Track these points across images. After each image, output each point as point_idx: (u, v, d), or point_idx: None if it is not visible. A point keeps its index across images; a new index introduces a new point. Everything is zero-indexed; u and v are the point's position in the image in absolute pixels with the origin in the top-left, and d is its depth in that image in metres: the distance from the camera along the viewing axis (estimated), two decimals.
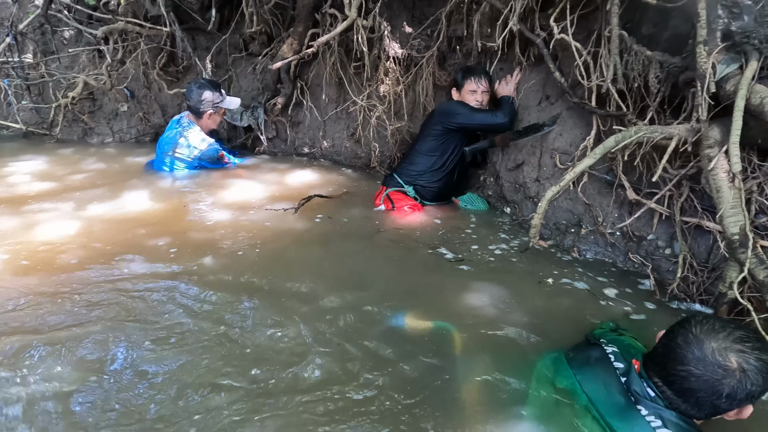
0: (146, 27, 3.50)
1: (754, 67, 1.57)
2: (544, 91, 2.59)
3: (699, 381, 1.07)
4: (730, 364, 1.05)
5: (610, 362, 1.22)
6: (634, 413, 1.11)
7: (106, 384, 1.34)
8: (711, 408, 1.09)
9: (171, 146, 3.13)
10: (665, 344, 1.15)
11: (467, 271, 2.05)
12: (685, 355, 1.08)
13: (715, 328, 1.10)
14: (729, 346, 1.06)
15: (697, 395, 1.08)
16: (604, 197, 2.25)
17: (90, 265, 1.93)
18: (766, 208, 1.73)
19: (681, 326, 1.14)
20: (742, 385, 1.04)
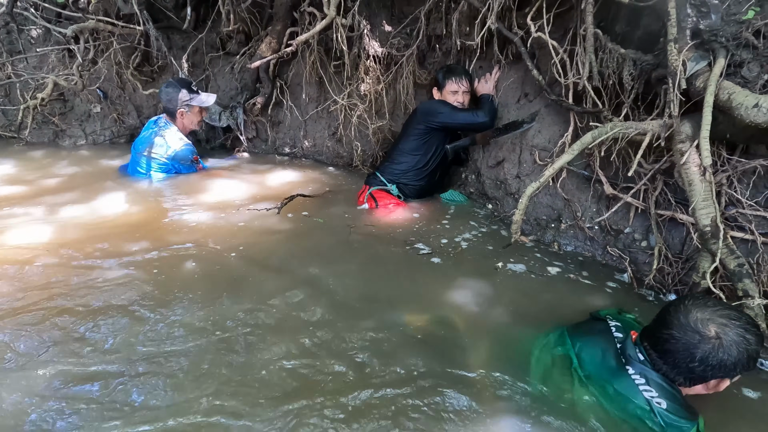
0: (119, 26, 3.40)
1: (721, 64, 1.63)
2: (523, 89, 2.62)
3: (678, 343, 1.19)
4: (708, 332, 1.16)
5: (611, 333, 1.35)
6: (623, 373, 1.25)
7: (74, 404, 1.28)
8: (687, 371, 1.20)
9: (145, 146, 3.04)
10: (660, 314, 1.29)
11: (448, 265, 2.08)
12: (671, 320, 1.21)
13: (707, 303, 1.22)
14: (712, 318, 1.18)
15: (675, 356, 1.20)
16: (582, 192, 2.30)
17: (63, 272, 1.86)
18: (735, 200, 1.80)
19: (679, 299, 1.27)
20: (714, 353, 1.15)
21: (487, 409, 1.30)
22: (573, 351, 1.36)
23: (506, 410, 1.30)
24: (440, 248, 2.23)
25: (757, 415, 1.37)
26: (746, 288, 1.57)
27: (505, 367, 1.46)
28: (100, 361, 1.42)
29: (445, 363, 1.47)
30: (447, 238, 2.34)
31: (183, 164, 3.07)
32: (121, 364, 1.40)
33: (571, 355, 1.35)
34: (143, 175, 3.03)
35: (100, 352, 1.45)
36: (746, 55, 1.66)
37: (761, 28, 1.63)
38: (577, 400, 1.29)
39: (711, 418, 1.26)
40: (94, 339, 1.50)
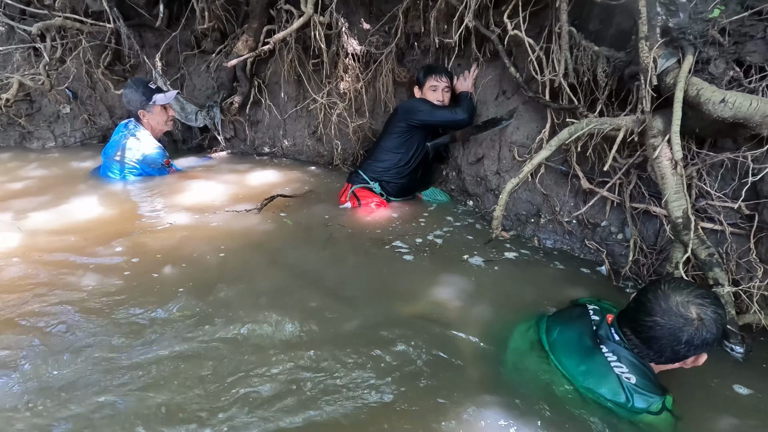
0: (87, 23, 3.29)
1: (690, 61, 1.68)
2: (501, 86, 2.66)
3: (663, 329, 1.23)
4: (690, 314, 1.21)
5: (589, 316, 1.41)
6: (597, 352, 1.31)
7: (45, 414, 1.23)
8: (671, 353, 1.25)
9: (115, 150, 2.94)
10: (637, 299, 1.32)
11: (429, 262, 2.09)
12: (653, 307, 1.24)
13: (680, 285, 1.28)
14: (691, 300, 1.23)
15: (660, 342, 1.24)
16: (560, 187, 2.34)
17: (34, 280, 1.79)
18: (704, 192, 1.86)
19: (652, 284, 1.30)
20: (699, 333, 1.20)
21: (467, 399, 1.32)
22: (545, 336, 1.42)
23: (484, 399, 1.33)
24: (423, 246, 2.25)
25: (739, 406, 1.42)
26: (716, 276, 1.63)
27: (485, 356, 1.50)
28: (75, 371, 1.37)
29: (427, 356, 1.48)
30: (429, 236, 2.35)
31: (153, 167, 2.97)
32: (98, 374, 1.36)
33: (543, 339, 1.42)
34: (117, 179, 2.93)
35: (74, 361, 1.40)
36: (713, 53, 1.72)
37: (726, 26, 1.69)
38: (552, 383, 1.33)
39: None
40: (68, 347, 1.45)
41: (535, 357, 1.41)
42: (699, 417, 1.33)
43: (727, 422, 1.32)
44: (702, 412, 1.35)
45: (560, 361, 1.35)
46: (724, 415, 1.35)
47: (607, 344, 1.31)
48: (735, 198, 1.76)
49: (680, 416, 1.27)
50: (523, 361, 1.44)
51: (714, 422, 1.33)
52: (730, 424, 1.32)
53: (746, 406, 1.40)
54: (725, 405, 1.39)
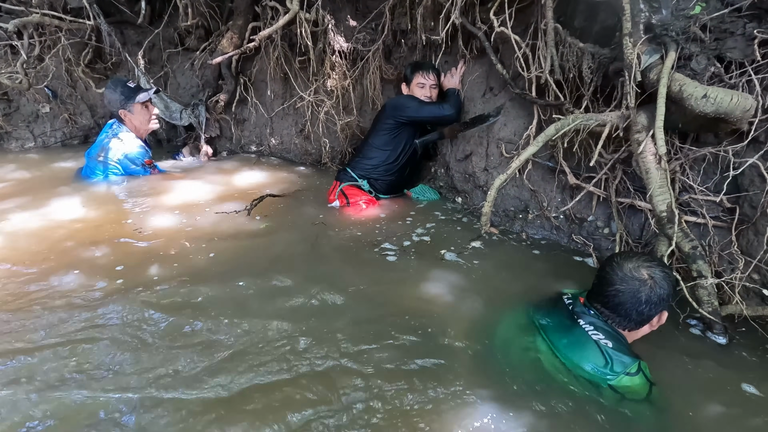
0: (66, 20, 3.21)
1: (672, 57, 1.71)
2: (488, 83, 2.67)
3: (625, 294, 1.39)
4: (642, 276, 1.39)
5: (563, 301, 1.56)
6: (576, 325, 1.44)
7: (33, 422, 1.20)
8: (637, 315, 1.40)
9: (97, 150, 2.89)
10: (597, 276, 1.48)
11: (418, 260, 2.10)
12: (612, 277, 1.41)
13: (629, 255, 1.47)
14: (640, 264, 1.41)
15: (626, 306, 1.40)
16: (547, 183, 2.36)
17: (15, 284, 1.75)
18: (688, 186, 1.90)
19: (607, 260, 1.48)
20: (654, 291, 1.38)
21: (460, 386, 1.34)
22: (536, 320, 1.53)
23: (476, 387, 1.36)
24: (411, 243, 2.25)
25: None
26: (700, 269, 1.67)
27: (475, 347, 1.54)
28: (58, 378, 1.34)
29: (418, 352, 1.49)
30: (418, 233, 2.36)
31: (135, 168, 2.92)
32: (81, 382, 1.33)
33: (535, 323, 1.53)
34: (100, 179, 2.88)
35: (57, 369, 1.37)
36: (694, 49, 1.75)
37: (707, 22, 1.72)
38: (541, 362, 1.43)
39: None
40: (51, 353, 1.42)
41: (523, 340, 1.51)
42: (688, 404, 1.36)
43: (714, 410, 1.35)
44: (690, 400, 1.38)
45: (552, 341, 1.45)
46: (712, 403, 1.38)
47: (584, 318, 1.44)
48: (717, 192, 1.80)
49: (656, 382, 1.34)
50: (512, 345, 1.52)
51: (702, 409, 1.36)
52: (717, 412, 1.35)
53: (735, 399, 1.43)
54: (714, 395, 1.42)
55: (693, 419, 1.32)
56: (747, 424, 1.31)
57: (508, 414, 1.27)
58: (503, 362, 1.48)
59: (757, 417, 1.32)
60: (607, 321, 1.42)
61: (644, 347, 1.59)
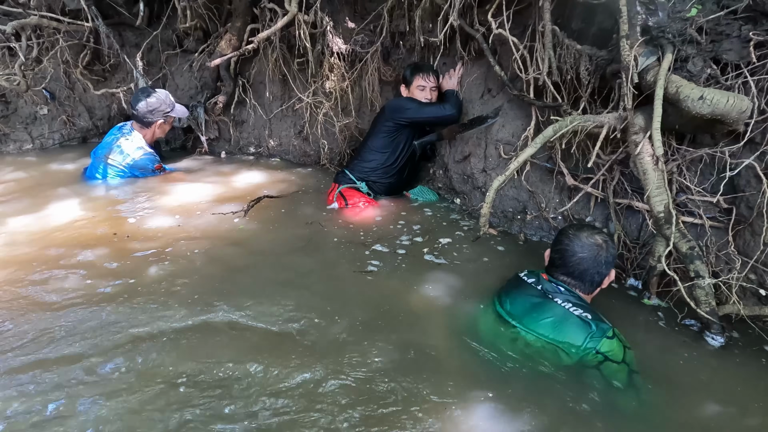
0: (64, 22, 3.21)
1: (669, 59, 1.72)
2: (486, 85, 2.68)
3: (588, 260, 1.57)
4: (597, 241, 1.59)
5: (525, 281, 1.67)
6: (552, 303, 1.55)
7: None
8: (598, 277, 1.60)
9: (105, 151, 2.94)
10: (556, 251, 1.63)
11: (417, 260, 2.10)
12: (573, 248, 1.59)
13: (579, 226, 1.67)
14: (591, 233, 1.62)
15: (590, 272, 1.58)
16: (545, 184, 2.37)
17: (14, 285, 1.75)
18: (685, 187, 1.91)
19: (562, 235, 1.63)
20: (609, 252, 1.59)
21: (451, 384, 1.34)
22: (501, 309, 1.63)
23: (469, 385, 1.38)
24: (409, 244, 2.25)
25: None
26: (697, 269, 1.68)
27: (466, 345, 1.58)
28: (56, 381, 1.34)
29: (412, 352, 1.49)
30: (415, 235, 2.36)
31: (143, 172, 2.98)
32: (78, 384, 1.33)
33: (501, 312, 1.62)
34: (100, 181, 2.90)
35: (56, 372, 1.37)
36: (691, 51, 1.76)
37: (703, 25, 1.74)
38: (525, 346, 1.51)
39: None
40: (49, 350, 1.42)
41: (505, 330, 1.58)
42: (686, 403, 1.37)
43: (711, 409, 1.36)
44: (688, 400, 1.39)
45: (525, 325, 1.53)
46: (709, 402, 1.39)
47: (557, 296, 1.56)
48: (714, 192, 1.81)
49: (629, 345, 1.47)
50: (497, 337, 1.59)
51: (699, 408, 1.37)
52: (714, 411, 1.35)
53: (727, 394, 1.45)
54: (712, 394, 1.43)
55: (690, 418, 1.33)
56: (744, 423, 1.32)
57: (504, 412, 1.27)
58: (494, 357, 1.51)
59: (754, 416, 1.33)
60: (574, 290, 1.58)
61: (644, 347, 1.61)
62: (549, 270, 1.66)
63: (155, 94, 3.00)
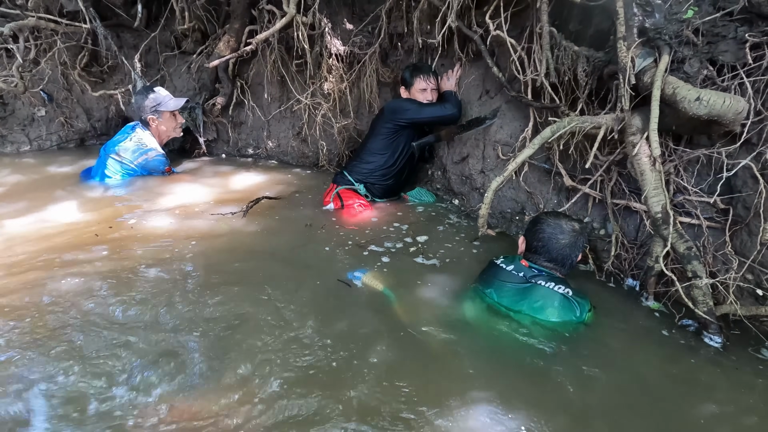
0: (62, 23, 3.20)
1: (666, 60, 1.73)
2: (484, 86, 2.69)
3: (570, 246, 1.73)
4: (575, 227, 1.75)
5: (503, 268, 1.77)
6: (537, 287, 1.68)
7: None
8: (575, 260, 1.76)
9: (115, 148, 2.97)
10: (540, 238, 1.75)
11: (416, 262, 2.10)
12: (556, 236, 1.73)
13: (556, 214, 1.82)
14: (567, 219, 1.77)
15: (571, 256, 1.75)
16: (543, 185, 2.38)
17: (13, 288, 1.74)
18: (682, 188, 1.92)
19: (542, 224, 1.76)
20: (584, 237, 1.78)
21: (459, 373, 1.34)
22: (491, 299, 1.72)
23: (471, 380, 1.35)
24: (407, 246, 2.25)
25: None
26: (695, 269, 1.68)
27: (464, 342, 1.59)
28: (55, 382, 1.33)
29: (411, 351, 1.49)
30: (414, 236, 2.36)
31: (152, 173, 3.03)
32: (78, 385, 1.33)
33: (492, 303, 1.71)
34: (108, 178, 2.93)
35: (56, 372, 1.37)
36: (687, 52, 1.77)
37: (699, 26, 1.75)
38: (523, 326, 1.61)
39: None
40: (46, 351, 1.42)
41: (498, 319, 1.67)
42: (684, 403, 1.37)
43: (708, 408, 1.37)
44: (685, 399, 1.39)
45: (519, 310, 1.65)
46: (707, 402, 1.39)
47: (540, 278, 1.69)
48: (710, 193, 1.82)
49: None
50: (491, 327, 1.67)
51: (697, 408, 1.38)
52: (711, 411, 1.36)
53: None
54: (709, 394, 1.44)
55: (688, 418, 1.33)
56: (741, 422, 1.32)
57: (503, 409, 1.28)
58: (491, 351, 1.56)
59: (752, 416, 1.34)
60: (553, 273, 1.72)
61: (642, 347, 1.62)
62: (529, 256, 1.78)
63: (145, 92, 3.00)
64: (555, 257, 1.73)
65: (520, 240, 1.85)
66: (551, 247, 1.73)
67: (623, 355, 1.59)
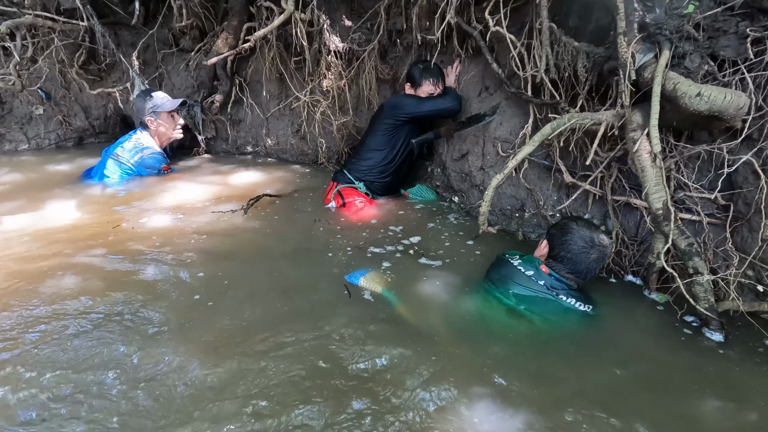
0: (59, 21, 3.19)
1: (666, 56, 1.72)
2: (484, 82, 2.68)
3: (599, 261, 1.70)
4: (604, 242, 1.71)
5: (520, 271, 1.72)
6: (557, 301, 1.65)
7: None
8: (596, 274, 1.75)
9: (115, 149, 3.02)
10: (570, 250, 1.70)
11: (416, 260, 2.10)
12: (588, 252, 1.69)
13: (588, 223, 1.76)
14: (599, 231, 1.73)
15: (595, 271, 1.71)
16: (543, 182, 2.37)
17: (10, 287, 1.74)
18: (682, 184, 1.91)
19: (573, 234, 1.70)
20: (611, 249, 1.76)
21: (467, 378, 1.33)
22: (507, 301, 1.68)
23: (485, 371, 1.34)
24: (408, 244, 2.25)
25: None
26: (696, 266, 1.68)
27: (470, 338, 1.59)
28: (53, 382, 1.33)
29: (415, 349, 1.49)
30: (414, 234, 2.36)
31: (149, 171, 3.04)
32: (75, 386, 1.32)
33: (510, 304, 1.68)
34: (107, 177, 2.95)
35: (53, 366, 1.36)
36: (688, 47, 1.76)
37: (700, 21, 1.74)
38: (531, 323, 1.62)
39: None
40: (47, 354, 1.41)
41: (515, 319, 1.66)
42: (685, 399, 1.37)
43: (710, 404, 1.36)
44: (687, 395, 1.39)
45: (537, 314, 1.64)
46: (709, 398, 1.39)
47: (561, 292, 1.68)
48: (711, 189, 1.81)
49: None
50: (508, 328, 1.65)
51: (699, 403, 1.38)
52: (713, 406, 1.36)
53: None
54: (711, 390, 1.43)
55: (690, 414, 1.33)
56: (743, 418, 1.32)
57: (508, 407, 1.27)
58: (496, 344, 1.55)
59: (753, 411, 1.34)
60: (573, 284, 1.70)
61: (644, 346, 1.61)
62: (551, 264, 1.72)
63: (144, 96, 3.06)
64: (580, 270, 1.69)
65: (543, 244, 1.79)
66: (579, 261, 1.68)
67: (625, 351, 1.58)
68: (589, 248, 1.67)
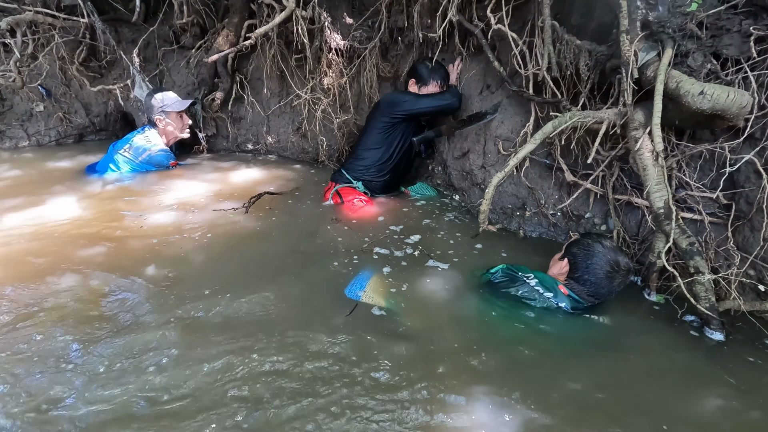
0: (60, 18, 3.18)
1: (669, 54, 1.72)
2: (485, 80, 2.67)
3: (620, 286, 1.67)
4: (631, 267, 1.68)
5: (539, 292, 1.69)
6: (579, 317, 1.66)
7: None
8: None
9: (123, 145, 3.05)
10: (596, 274, 1.66)
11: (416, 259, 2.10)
12: (613, 278, 1.65)
13: (614, 249, 1.70)
14: (623, 254, 1.69)
15: (613, 294, 1.68)
16: (545, 180, 2.37)
17: (11, 284, 1.73)
18: (684, 183, 1.91)
19: (599, 258, 1.66)
20: (632, 274, 1.70)
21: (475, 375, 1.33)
22: (524, 314, 1.65)
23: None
24: (409, 243, 2.24)
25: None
26: (697, 265, 1.67)
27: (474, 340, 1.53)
28: (50, 383, 1.33)
29: (420, 347, 1.49)
30: (415, 232, 2.35)
31: (158, 168, 3.08)
32: (72, 385, 1.32)
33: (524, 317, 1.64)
34: (112, 172, 2.98)
35: (52, 367, 1.36)
36: (691, 45, 1.75)
37: (703, 19, 1.73)
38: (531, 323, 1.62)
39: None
40: (46, 350, 1.41)
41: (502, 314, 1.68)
42: (687, 398, 1.37)
43: (712, 403, 1.36)
44: (689, 395, 1.39)
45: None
46: (710, 397, 1.39)
47: (581, 310, 1.69)
48: (713, 188, 1.81)
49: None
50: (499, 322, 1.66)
51: (701, 403, 1.37)
52: (715, 405, 1.35)
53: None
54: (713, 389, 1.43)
55: (692, 413, 1.33)
56: (745, 417, 1.32)
57: (507, 406, 1.27)
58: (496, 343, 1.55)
59: (755, 410, 1.33)
60: (588, 304, 1.69)
61: (645, 342, 1.61)
62: (571, 285, 1.70)
63: (153, 94, 3.09)
64: (602, 294, 1.67)
65: (564, 263, 1.74)
66: (603, 285, 1.66)
67: (626, 350, 1.58)
68: (615, 272, 1.64)
